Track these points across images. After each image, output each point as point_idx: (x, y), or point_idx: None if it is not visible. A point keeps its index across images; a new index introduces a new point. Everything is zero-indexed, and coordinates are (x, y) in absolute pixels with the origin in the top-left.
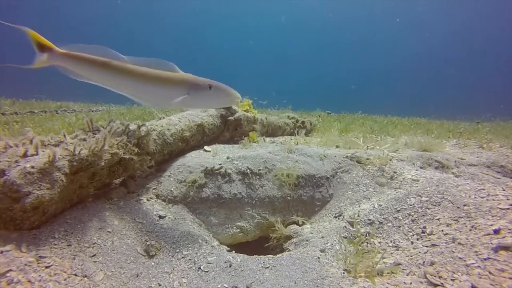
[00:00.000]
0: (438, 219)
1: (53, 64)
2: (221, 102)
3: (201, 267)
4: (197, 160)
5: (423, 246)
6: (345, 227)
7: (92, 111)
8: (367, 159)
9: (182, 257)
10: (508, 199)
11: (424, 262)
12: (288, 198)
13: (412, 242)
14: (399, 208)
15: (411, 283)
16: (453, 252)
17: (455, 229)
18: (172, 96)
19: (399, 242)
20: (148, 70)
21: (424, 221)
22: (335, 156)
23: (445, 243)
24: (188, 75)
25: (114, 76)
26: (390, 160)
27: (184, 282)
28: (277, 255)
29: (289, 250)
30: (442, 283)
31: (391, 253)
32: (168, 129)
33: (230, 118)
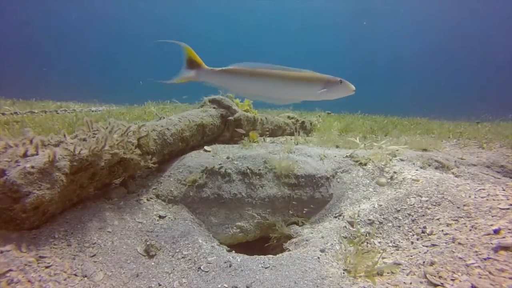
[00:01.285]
0: (438, 219)
1: (200, 80)
2: (346, 93)
3: (201, 267)
4: (197, 160)
5: (423, 246)
6: (345, 227)
7: (92, 111)
8: (367, 159)
9: (182, 257)
10: (508, 199)
11: (424, 262)
12: (288, 198)
13: (412, 242)
14: (399, 208)
15: (411, 283)
16: (453, 252)
17: (455, 229)
18: (313, 91)
19: (399, 242)
20: (291, 72)
21: (424, 221)
22: (335, 156)
23: (445, 243)
24: (317, 73)
25: (261, 82)
26: (390, 160)
27: (184, 282)
28: (277, 255)
29: (289, 250)
30: (442, 283)
31: (391, 253)
32: (168, 129)
33: (230, 118)
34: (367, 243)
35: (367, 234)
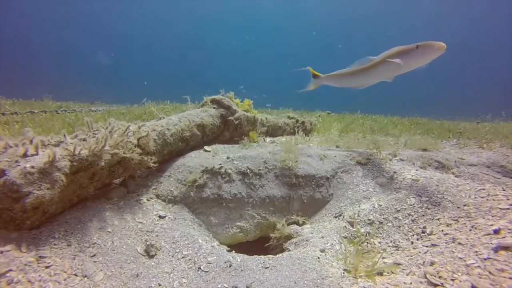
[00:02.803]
0: (438, 219)
1: (321, 84)
2: (431, 55)
3: (201, 267)
4: (197, 160)
5: (423, 246)
6: (345, 227)
7: (92, 111)
8: (367, 159)
9: (182, 257)
10: (508, 199)
11: (424, 262)
12: (288, 198)
13: (412, 242)
14: (399, 208)
15: (411, 283)
16: (453, 252)
17: (455, 229)
18: (393, 67)
19: (399, 242)
20: (372, 62)
21: (424, 221)
22: (335, 156)
23: (445, 243)
24: (398, 47)
25: (358, 77)
26: (390, 160)
27: (184, 282)
28: (277, 255)
29: (289, 250)
30: (442, 283)
31: (391, 253)
32: (168, 129)
33: (230, 118)
34: (367, 243)
35: (367, 234)
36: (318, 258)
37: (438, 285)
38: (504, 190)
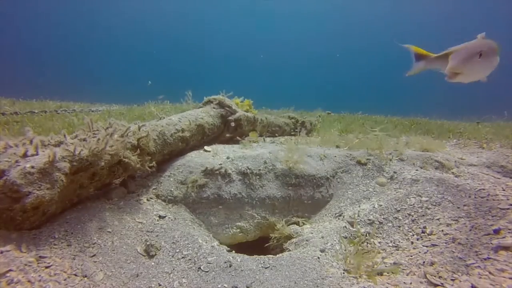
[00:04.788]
0: (438, 219)
1: (429, 68)
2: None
3: (201, 267)
4: (197, 160)
5: (423, 246)
6: (345, 227)
7: (92, 111)
8: (367, 159)
9: (182, 257)
10: (508, 199)
11: (424, 262)
12: (288, 198)
13: (412, 242)
14: (399, 208)
15: (411, 283)
16: (453, 252)
17: (455, 229)
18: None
19: (399, 242)
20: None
21: (424, 221)
22: (335, 156)
23: (445, 243)
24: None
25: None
26: (390, 160)
27: (184, 282)
28: (277, 255)
29: (289, 250)
30: (442, 283)
31: (391, 253)
32: (168, 129)
33: (230, 118)
34: (367, 243)
35: (367, 234)
36: (318, 258)
37: (438, 285)
38: (504, 190)
